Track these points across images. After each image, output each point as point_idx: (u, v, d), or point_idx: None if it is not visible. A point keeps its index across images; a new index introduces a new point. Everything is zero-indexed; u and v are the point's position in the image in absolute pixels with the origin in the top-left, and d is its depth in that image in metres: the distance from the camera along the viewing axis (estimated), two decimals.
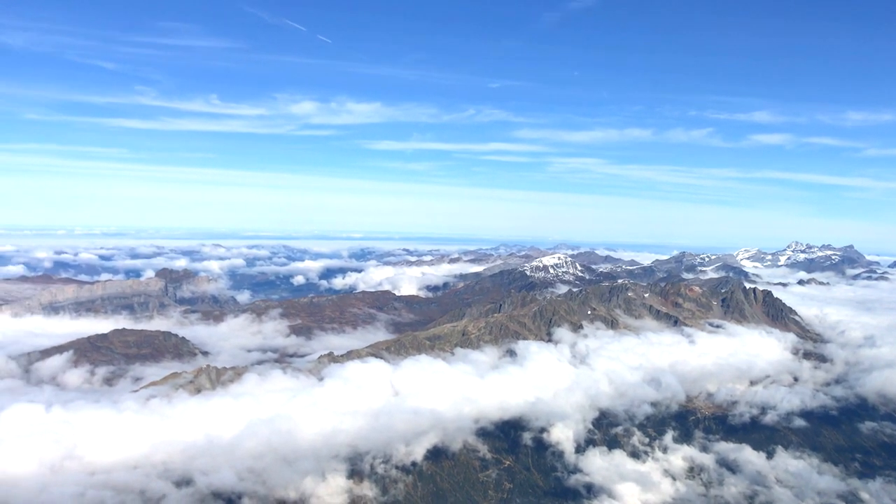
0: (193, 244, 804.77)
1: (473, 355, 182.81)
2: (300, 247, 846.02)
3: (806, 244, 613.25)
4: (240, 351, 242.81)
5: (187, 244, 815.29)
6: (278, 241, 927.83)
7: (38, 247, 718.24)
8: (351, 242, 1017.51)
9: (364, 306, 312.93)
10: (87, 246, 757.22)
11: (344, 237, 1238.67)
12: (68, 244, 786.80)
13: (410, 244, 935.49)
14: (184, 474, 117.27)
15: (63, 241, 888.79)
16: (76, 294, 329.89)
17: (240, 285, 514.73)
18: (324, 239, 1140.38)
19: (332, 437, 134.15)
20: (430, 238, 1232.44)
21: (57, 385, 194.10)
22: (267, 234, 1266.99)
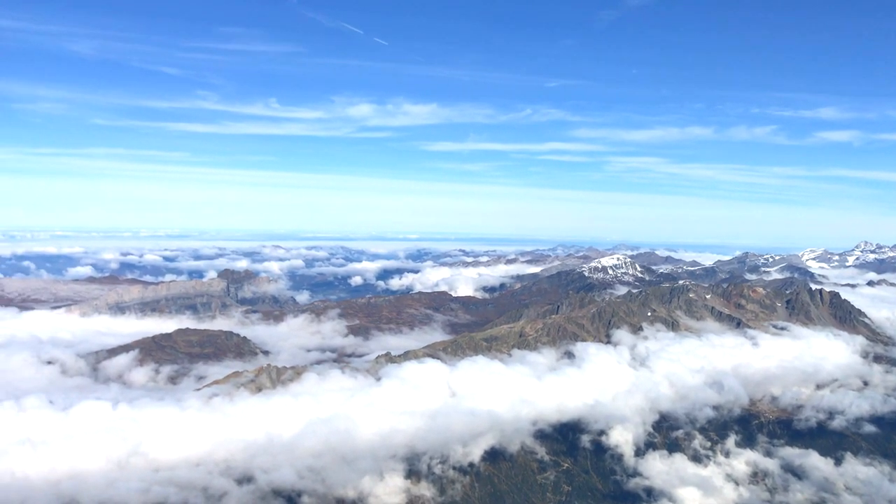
0: (254, 245, 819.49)
1: (531, 357, 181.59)
2: (357, 248, 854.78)
3: (875, 244, 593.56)
4: (299, 350, 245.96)
5: (248, 245, 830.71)
6: (336, 243, 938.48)
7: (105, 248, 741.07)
8: (407, 243, 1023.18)
9: (421, 307, 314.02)
10: (151, 247, 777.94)
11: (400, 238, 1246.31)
12: (134, 246, 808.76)
13: (467, 245, 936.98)
14: (245, 472, 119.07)
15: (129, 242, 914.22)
16: (141, 294, 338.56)
17: (299, 286, 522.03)
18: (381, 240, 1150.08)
19: (390, 437, 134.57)
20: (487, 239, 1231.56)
21: (123, 383, 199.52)
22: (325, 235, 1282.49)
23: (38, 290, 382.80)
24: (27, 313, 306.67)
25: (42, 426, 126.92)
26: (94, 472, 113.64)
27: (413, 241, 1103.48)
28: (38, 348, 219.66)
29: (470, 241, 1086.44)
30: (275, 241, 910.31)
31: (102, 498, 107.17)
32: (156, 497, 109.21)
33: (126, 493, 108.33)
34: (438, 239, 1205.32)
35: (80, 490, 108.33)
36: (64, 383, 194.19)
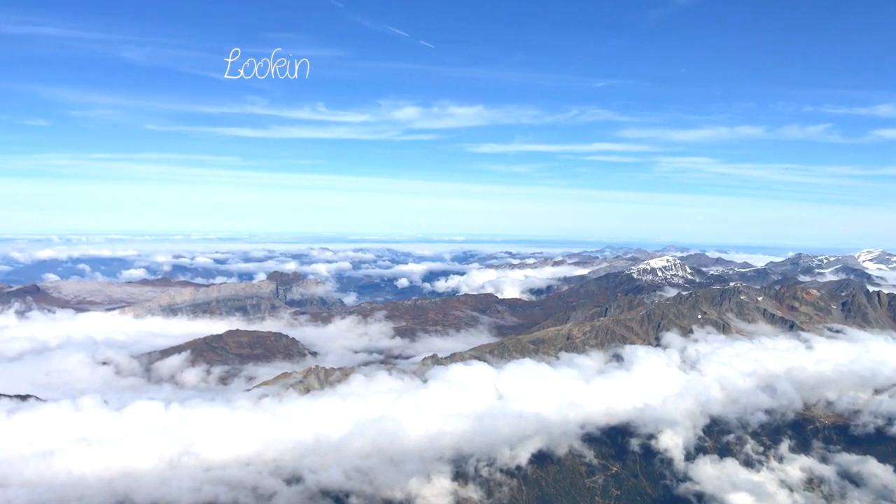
0: (302, 248, 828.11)
1: (579, 359, 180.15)
2: (404, 250, 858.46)
3: None
4: (347, 352, 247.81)
5: (296, 248, 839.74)
6: (382, 245, 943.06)
7: (158, 251, 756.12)
8: (453, 245, 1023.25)
9: (467, 309, 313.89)
10: (202, 250, 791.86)
11: (446, 240, 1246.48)
12: (185, 249, 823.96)
13: (513, 247, 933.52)
14: (294, 472, 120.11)
15: (181, 245, 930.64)
16: (193, 296, 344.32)
17: (346, 288, 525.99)
18: (427, 242, 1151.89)
19: (437, 439, 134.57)
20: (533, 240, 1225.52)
21: (175, 383, 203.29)
22: (372, 237, 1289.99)
23: (93, 292, 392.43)
24: (83, 315, 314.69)
25: (97, 425, 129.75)
26: (147, 471, 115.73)
27: (459, 244, 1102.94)
28: (93, 349, 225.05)
29: (516, 243, 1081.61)
30: (322, 243, 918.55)
31: (155, 496, 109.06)
32: (207, 496, 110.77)
33: (178, 492, 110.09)
34: (484, 241, 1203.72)
35: (133, 488, 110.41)
36: (118, 383, 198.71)
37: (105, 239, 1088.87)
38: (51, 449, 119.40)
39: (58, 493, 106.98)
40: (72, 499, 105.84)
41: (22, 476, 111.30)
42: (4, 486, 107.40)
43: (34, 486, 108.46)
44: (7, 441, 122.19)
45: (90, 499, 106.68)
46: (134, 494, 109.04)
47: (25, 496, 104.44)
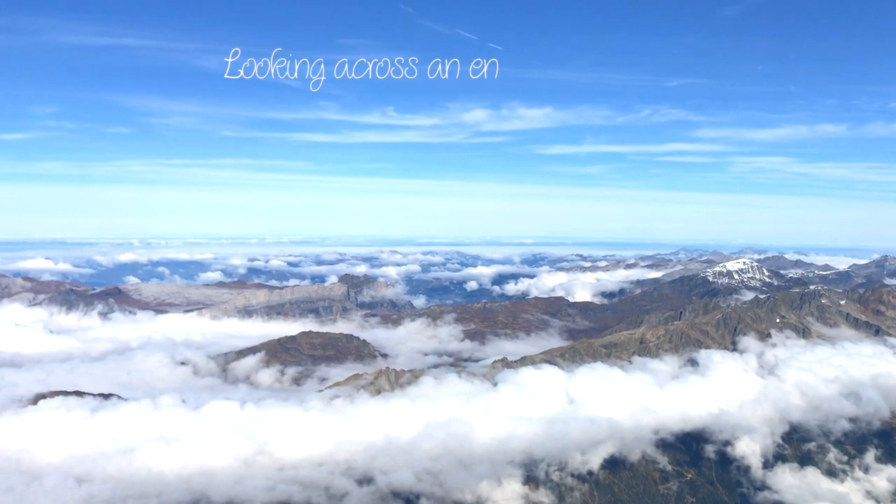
0: (373, 251, 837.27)
1: (652, 364, 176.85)
2: (473, 253, 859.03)
3: None
4: (416, 354, 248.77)
5: (367, 251, 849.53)
6: (452, 248, 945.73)
7: (234, 254, 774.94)
8: (523, 248, 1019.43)
9: (537, 312, 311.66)
10: (276, 253, 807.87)
11: (516, 243, 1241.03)
12: (260, 252, 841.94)
13: (584, 249, 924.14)
14: (365, 473, 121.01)
15: (255, 248, 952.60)
16: (267, 298, 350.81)
17: (416, 290, 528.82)
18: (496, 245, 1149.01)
19: (507, 443, 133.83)
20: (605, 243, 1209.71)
21: (250, 384, 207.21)
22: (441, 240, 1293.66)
23: (172, 294, 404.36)
24: (162, 316, 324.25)
25: (175, 424, 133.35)
26: (223, 470, 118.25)
27: (529, 246, 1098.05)
28: (172, 350, 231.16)
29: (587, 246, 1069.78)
30: (392, 246, 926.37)
31: (231, 495, 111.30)
32: (280, 495, 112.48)
33: (252, 491, 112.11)
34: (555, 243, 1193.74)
35: (209, 486, 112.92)
36: (196, 383, 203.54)
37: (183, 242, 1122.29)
38: (131, 446, 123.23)
39: (138, 489, 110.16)
40: (151, 495, 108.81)
41: (104, 472, 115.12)
42: (88, 481, 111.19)
43: (116, 482, 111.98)
44: (90, 438, 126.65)
45: (169, 496, 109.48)
46: (210, 492, 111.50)
47: (108, 492, 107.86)
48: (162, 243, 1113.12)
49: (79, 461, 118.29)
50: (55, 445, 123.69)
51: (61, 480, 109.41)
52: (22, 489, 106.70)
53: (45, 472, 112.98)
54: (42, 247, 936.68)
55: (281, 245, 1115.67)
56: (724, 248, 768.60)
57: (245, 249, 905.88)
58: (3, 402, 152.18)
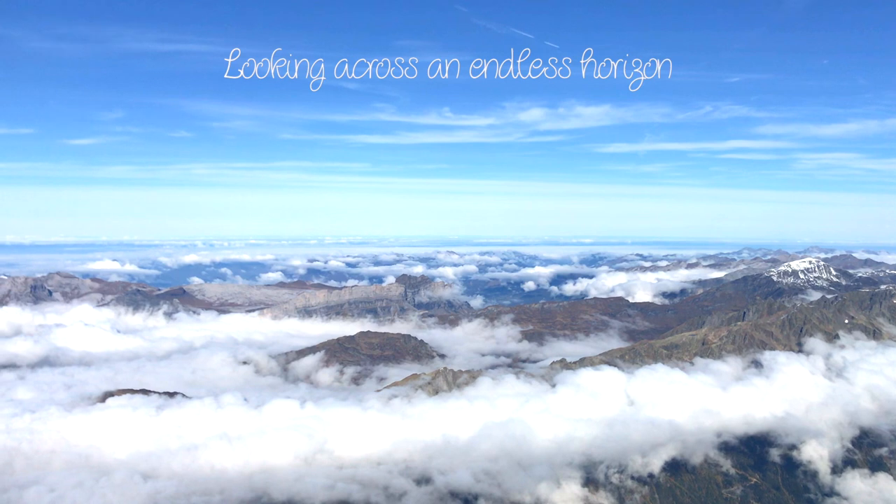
0: (429, 251, 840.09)
1: (715, 365, 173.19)
2: (530, 253, 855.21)
3: None
4: (474, 355, 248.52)
5: (424, 251, 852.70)
6: (509, 248, 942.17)
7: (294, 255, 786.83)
8: (581, 248, 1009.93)
9: (596, 313, 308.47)
10: (335, 254, 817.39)
11: (574, 243, 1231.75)
12: (319, 253, 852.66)
13: (644, 249, 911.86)
14: (423, 473, 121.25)
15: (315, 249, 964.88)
16: (326, 299, 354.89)
17: (473, 291, 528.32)
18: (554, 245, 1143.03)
19: (566, 444, 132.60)
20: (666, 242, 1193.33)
21: (310, 383, 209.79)
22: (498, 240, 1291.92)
23: (234, 294, 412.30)
24: (225, 316, 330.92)
25: (237, 422, 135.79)
26: (284, 467, 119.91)
27: (587, 246, 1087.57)
28: (234, 349, 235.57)
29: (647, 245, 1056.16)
30: (449, 246, 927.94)
31: (291, 492, 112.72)
32: (340, 494, 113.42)
33: (312, 489, 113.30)
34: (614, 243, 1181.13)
35: (270, 483, 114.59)
36: (258, 382, 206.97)
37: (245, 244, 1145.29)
38: (195, 443, 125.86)
39: (201, 485, 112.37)
40: (214, 492, 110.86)
41: (169, 469, 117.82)
42: (154, 477, 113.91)
43: (180, 478, 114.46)
44: (156, 435, 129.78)
45: (231, 492, 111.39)
46: (271, 490, 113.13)
47: (173, 488, 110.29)
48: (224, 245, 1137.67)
49: (144, 458, 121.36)
50: (122, 442, 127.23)
51: (128, 476, 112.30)
52: (91, 484, 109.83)
53: (112, 468, 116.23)
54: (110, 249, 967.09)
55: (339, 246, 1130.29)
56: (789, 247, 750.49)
57: (304, 250, 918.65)
58: (73, 399, 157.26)
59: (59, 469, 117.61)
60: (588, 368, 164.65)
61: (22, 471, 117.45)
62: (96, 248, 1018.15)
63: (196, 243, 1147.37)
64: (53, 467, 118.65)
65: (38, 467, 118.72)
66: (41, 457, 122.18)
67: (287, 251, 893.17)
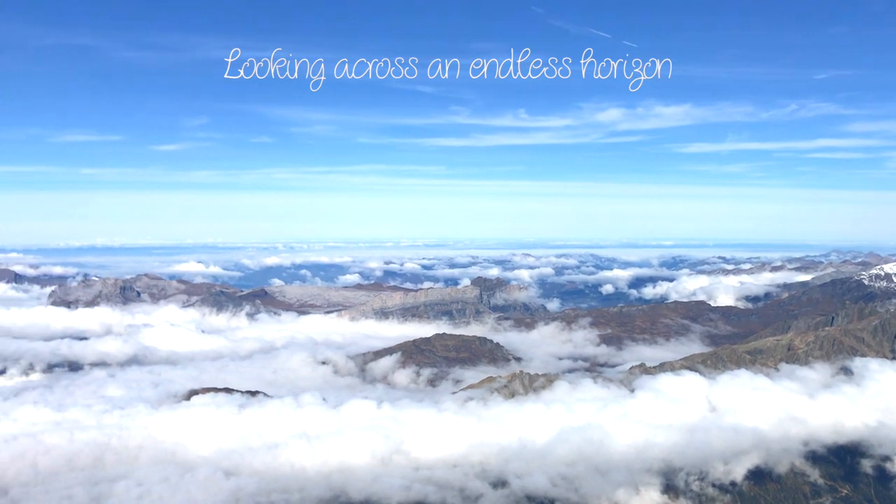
0: (505, 254, 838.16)
1: (801, 372, 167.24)
2: (608, 255, 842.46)
3: None
4: (550, 358, 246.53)
5: (499, 254, 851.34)
6: (586, 250, 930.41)
7: (371, 258, 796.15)
8: (661, 250, 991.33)
9: (676, 317, 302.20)
10: (411, 256, 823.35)
11: (653, 245, 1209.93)
12: (395, 255, 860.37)
13: (726, 251, 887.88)
14: (499, 476, 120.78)
15: (391, 252, 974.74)
16: (402, 301, 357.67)
17: (549, 294, 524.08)
18: (632, 247, 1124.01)
19: (645, 451, 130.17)
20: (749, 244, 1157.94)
21: (387, 384, 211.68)
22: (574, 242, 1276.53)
23: (313, 296, 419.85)
24: (304, 317, 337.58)
25: (316, 421, 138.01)
26: (361, 467, 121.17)
27: (668, 248, 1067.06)
28: (313, 349, 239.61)
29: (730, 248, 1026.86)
30: (525, 249, 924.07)
31: (368, 492, 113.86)
32: (416, 495, 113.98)
33: (389, 489, 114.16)
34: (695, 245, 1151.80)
35: (348, 483, 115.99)
36: (336, 382, 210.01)
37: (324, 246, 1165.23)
38: (275, 442, 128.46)
39: (282, 483, 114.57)
40: (294, 490, 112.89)
41: (251, 466, 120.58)
42: (235, 474, 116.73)
43: (261, 475, 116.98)
44: (238, 433, 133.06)
45: (310, 491, 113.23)
46: (349, 489, 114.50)
47: (254, 485, 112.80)
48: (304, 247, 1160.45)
49: (227, 455, 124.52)
50: (206, 439, 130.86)
51: (211, 473, 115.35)
52: (176, 480, 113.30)
53: (196, 465, 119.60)
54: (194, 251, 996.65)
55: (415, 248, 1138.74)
56: (882, 250, 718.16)
57: (381, 253, 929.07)
58: (160, 397, 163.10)
59: (146, 464, 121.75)
60: (668, 373, 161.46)
61: (112, 465, 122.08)
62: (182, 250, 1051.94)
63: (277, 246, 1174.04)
64: (141, 462, 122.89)
65: (126, 462, 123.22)
66: (129, 452, 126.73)
67: (364, 253, 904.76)
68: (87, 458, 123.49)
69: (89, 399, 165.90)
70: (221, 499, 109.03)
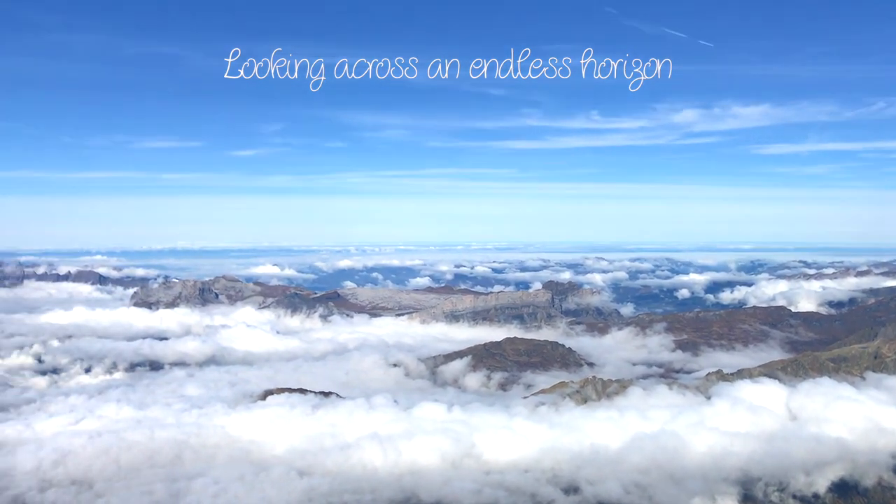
0: (577, 257, 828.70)
1: (890, 381, 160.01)
2: (684, 259, 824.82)
3: None
4: (624, 364, 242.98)
5: (571, 257, 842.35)
6: (661, 254, 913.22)
7: (441, 261, 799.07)
8: (739, 254, 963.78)
9: (755, 322, 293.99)
10: (481, 260, 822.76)
11: (731, 249, 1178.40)
12: (466, 258, 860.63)
13: (808, 255, 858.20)
14: (571, 482, 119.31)
15: (461, 255, 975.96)
16: (473, 304, 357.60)
17: (622, 298, 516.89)
18: (709, 251, 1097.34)
19: (722, 459, 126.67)
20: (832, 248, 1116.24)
21: (458, 387, 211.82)
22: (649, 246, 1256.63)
23: (385, 298, 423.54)
24: (376, 320, 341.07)
25: (388, 423, 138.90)
26: (432, 470, 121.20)
27: (746, 252, 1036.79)
28: (385, 352, 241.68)
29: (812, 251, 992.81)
30: (597, 252, 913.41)
31: (439, 495, 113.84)
32: (487, 499, 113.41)
33: (460, 493, 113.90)
34: (775, 249, 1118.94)
35: (419, 485, 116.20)
36: (407, 385, 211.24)
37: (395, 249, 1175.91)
38: (348, 442, 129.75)
39: (353, 484, 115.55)
40: (365, 491, 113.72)
41: (323, 466, 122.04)
42: (309, 474, 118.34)
43: (334, 476, 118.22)
44: (311, 433, 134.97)
45: (381, 492, 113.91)
46: (419, 491, 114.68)
47: (327, 485, 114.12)
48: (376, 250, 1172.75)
49: (300, 455, 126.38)
50: (280, 439, 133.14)
51: (285, 472, 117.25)
52: (251, 478, 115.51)
53: (270, 464, 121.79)
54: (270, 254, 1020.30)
55: (486, 251, 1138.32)
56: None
57: (452, 256, 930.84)
58: (236, 396, 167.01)
59: (222, 462, 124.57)
60: (746, 381, 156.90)
61: (190, 462, 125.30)
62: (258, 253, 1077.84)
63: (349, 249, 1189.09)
64: (217, 461, 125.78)
65: (204, 460, 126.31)
66: (207, 450, 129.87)
67: (435, 256, 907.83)
68: (167, 455, 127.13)
69: (169, 398, 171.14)
70: (295, 498, 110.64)
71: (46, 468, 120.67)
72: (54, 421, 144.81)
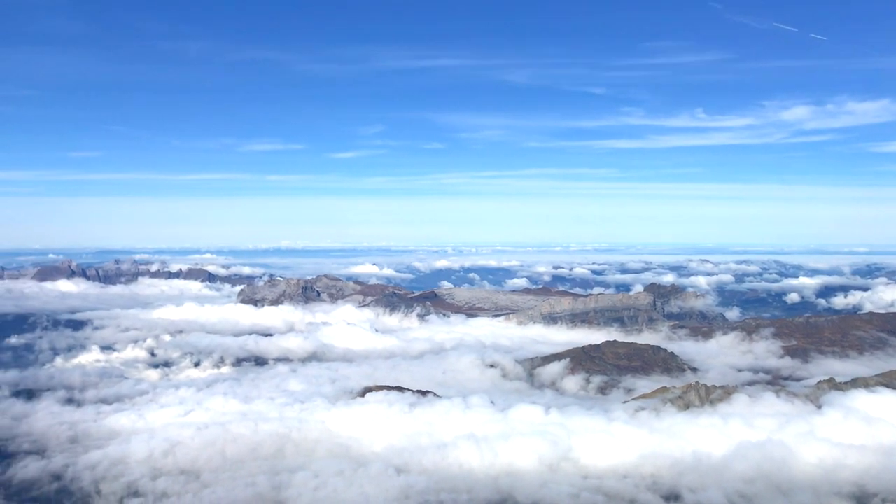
0: (680, 259, 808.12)
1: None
2: (793, 262, 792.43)
3: None
4: (728, 370, 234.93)
5: (674, 259, 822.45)
6: (769, 256, 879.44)
7: (539, 262, 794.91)
8: (854, 258, 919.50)
9: (871, 329, 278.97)
10: (580, 261, 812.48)
11: (845, 251, 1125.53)
12: (564, 259, 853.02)
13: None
14: (672, 489, 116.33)
15: (560, 256, 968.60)
16: (571, 306, 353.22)
17: (728, 302, 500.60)
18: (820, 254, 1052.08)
19: (834, 472, 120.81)
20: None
21: (556, 390, 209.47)
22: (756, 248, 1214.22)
23: (481, 299, 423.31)
24: (473, 320, 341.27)
25: (484, 423, 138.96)
26: (528, 472, 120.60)
27: (861, 255, 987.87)
28: (482, 352, 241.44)
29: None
30: (702, 254, 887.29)
31: (536, 497, 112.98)
32: (585, 503, 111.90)
33: (557, 496, 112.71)
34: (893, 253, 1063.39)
35: (515, 487, 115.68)
36: (504, 386, 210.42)
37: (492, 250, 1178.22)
38: (444, 441, 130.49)
39: (450, 483, 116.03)
40: (462, 490, 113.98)
41: (420, 464, 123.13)
42: (406, 472, 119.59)
43: (430, 474, 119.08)
44: (408, 431, 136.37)
45: (478, 492, 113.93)
46: (516, 493, 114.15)
47: (423, 483, 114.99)
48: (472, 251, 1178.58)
49: (398, 452, 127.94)
50: (378, 436, 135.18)
51: (383, 469, 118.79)
52: (350, 474, 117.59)
53: (369, 460, 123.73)
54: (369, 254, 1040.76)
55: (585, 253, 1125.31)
56: None
57: (549, 257, 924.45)
58: (336, 392, 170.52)
59: (322, 457, 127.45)
60: (861, 390, 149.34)
61: (291, 456, 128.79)
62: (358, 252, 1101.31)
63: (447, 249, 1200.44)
64: (318, 455, 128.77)
65: (304, 454, 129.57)
66: (308, 444, 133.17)
67: (532, 258, 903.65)
68: (270, 448, 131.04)
69: (272, 392, 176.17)
70: (392, 495, 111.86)
71: (157, 457, 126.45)
72: (165, 412, 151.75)
